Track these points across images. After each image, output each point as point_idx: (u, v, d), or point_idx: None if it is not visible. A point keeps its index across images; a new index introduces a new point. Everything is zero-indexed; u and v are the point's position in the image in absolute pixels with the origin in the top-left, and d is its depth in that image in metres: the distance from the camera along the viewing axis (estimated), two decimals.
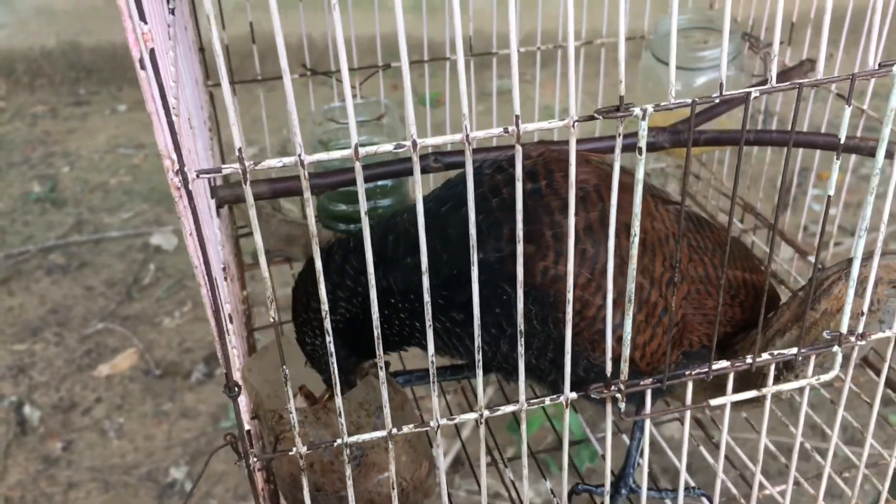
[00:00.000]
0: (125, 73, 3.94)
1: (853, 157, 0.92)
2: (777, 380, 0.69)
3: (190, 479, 2.07)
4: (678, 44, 1.09)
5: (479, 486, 0.65)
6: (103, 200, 3.14)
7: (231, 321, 0.66)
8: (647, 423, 0.61)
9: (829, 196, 0.51)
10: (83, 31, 3.92)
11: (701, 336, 0.78)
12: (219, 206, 0.84)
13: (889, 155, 0.58)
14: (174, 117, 0.50)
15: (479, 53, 1.22)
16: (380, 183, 0.99)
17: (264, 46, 1.12)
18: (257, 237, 0.48)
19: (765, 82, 1.01)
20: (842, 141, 0.50)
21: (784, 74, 0.97)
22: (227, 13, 1.12)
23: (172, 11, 0.73)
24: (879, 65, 0.50)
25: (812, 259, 1.10)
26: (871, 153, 0.70)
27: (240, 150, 0.48)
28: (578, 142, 0.78)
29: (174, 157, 0.48)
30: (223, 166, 0.48)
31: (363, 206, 0.50)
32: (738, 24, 1.10)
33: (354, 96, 1.10)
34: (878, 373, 0.85)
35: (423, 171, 0.85)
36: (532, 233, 0.71)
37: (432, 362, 0.53)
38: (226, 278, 0.72)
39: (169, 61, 0.61)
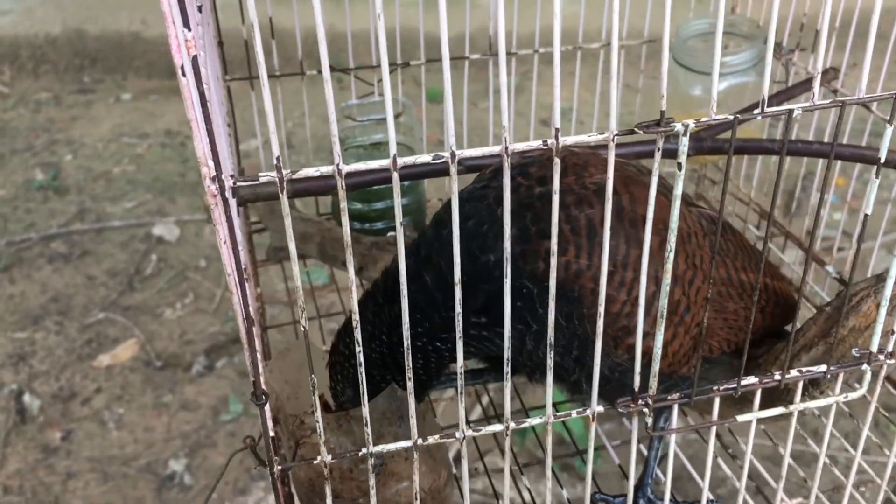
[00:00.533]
0: (130, 62, 3.93)
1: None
2: (802, 396, 0.69)
3: (189, 471, 2.07)
4: (698, 48, 1.09)
5: (494, 493, 0.65)
6: (106, 189, 3.13)
7: (253, 323, 0.66)
8: (673, 438, 0.61)
9: (865, 215, 0.50)
10: (89, 18, 3.91)
11: (721, 341, 0.77)
12: (240, 205, 0.84)
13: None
14: (214, 124, 0.49)
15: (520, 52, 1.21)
16: None
17: (267, 38, 1.12)
18: (291, 247, 0.47)
19: (786, 90, 1.01)
20: (882, 160, 0.50)
21: (806, 83, 0.97)
22: (234, 5, 1.11)
23: (200, 9, 0.72)
24: None
25: (830, 269, 1.09)
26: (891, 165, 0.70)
27: (278, 159, 0.47)
28: (600, 148, 0.78)
29: (211, 163, 0.47)
30: (261, 175, 0.48)
31: (399, 217, 0.50)
32: (760, 30, 1.10)
33: (372, 94, 1.09)
34: None
35: (444, 173, 0.85)
36: (548, 229, 0.70)
37: (461, 373, 0.53)
38: (247, 279, 0.72)
39: (201, 63, 0.61)
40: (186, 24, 0.43)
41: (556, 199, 0.49)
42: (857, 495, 0.81)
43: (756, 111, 0.48)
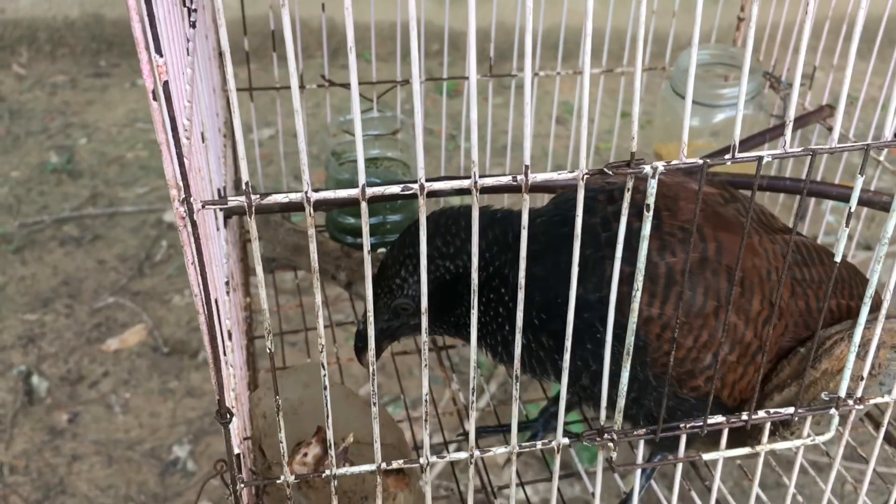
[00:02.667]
0: None
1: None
2: (773, 435, 0.69)
3: (192, 457, 2.09)
4: (698, 78, 1.08)
5: (492, 491, 0.66)
6: (119, 174, 3.15)
7: (230, 338, 0.66)
8: (639, 474, 0.61)
9: (834, 262, 0.50)
10: (106, 2, 3.93)
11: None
12: (227, 217, 0.85)
13: None
14: (184, 143, 0.50)
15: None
16: None
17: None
18: (259, 271, 0.48)
19: (775, 127, 1.01)
20: (852, 210, 0.50)
21: (803, 118, 0.96)
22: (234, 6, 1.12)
23: (193, 24, 0.73)
24: (895, 134, 0.49)
25: None
26: (885, 208, 0.70)
27: (247, 184, 0.48)
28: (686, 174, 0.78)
29: (181, 185, 0.48)
30: (230, 199, 0.48)
31: (367, 244, 0.51)
32: (760, 64, 1.09)
33: (371, 109, 1.10)
34: (877, 427, 0.85)
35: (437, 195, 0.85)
36: (630, 274, 0.71)
37: (426, 401, 0.54)
38: (228, 292, 0.72)
39: (185, 81, 0.61)
40: (159, 50, 0.43)
41: (524, 234, 0.49)
42: None
43: (727, 156, 0.48)
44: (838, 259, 0.55)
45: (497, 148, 2.69)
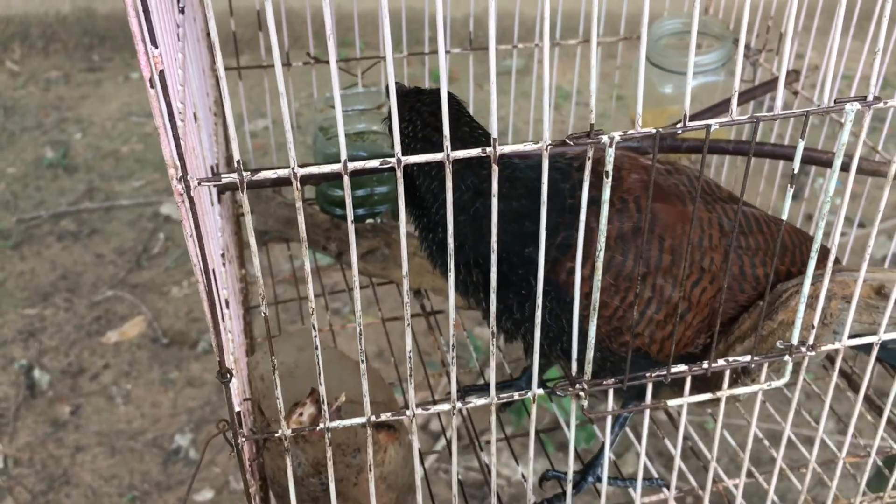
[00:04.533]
0: None
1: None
2: (735, 383, 0.74)
3: (194, 446, 2.13)
4: (671, 47, 1.13)
5: (480, 464, 0.71)
6: (115, 168, 3.19)
7: (227, 306, 0.71)
8: (609, 421, 0.66)
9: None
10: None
11: (728, 321, 0.83)
12: (220, 193, 0.89)
13: (845, 167, 0.62)
14: (179, 126, 0.54)
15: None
16: None
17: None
18: (252, 244, 0.52)
19: (749, 90, 1.05)
20: (795, 171, 0.54)
21: (768, 84, 1.01)
22: None
23: (182, 10, 0.77)
24: (835, 101, 0.54)
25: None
26: (828, 164, 0.74)
27: (238, 161, 0.52)
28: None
29: (178, 164, 0.52)
30: (223, 175, 0.53)
31: (350, 215, 0.55)
32: (730, 31, 1.14)
33: (356, 85, 1.14)
34: (843, 374, 0.91)
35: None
36: (570, 238, 0.76)
37: (409, 362, 0.58)
38: (224, 264, 0.77)
39: (177, 65, 0.66)
40: (154, 41, 0.48)
41: (494, 202, 0.53)
42: (789, 473, 0.87)
43: (679, 125, 0.53)
44: (784, 217, 0.60)
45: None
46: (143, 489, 2.06)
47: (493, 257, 0.57)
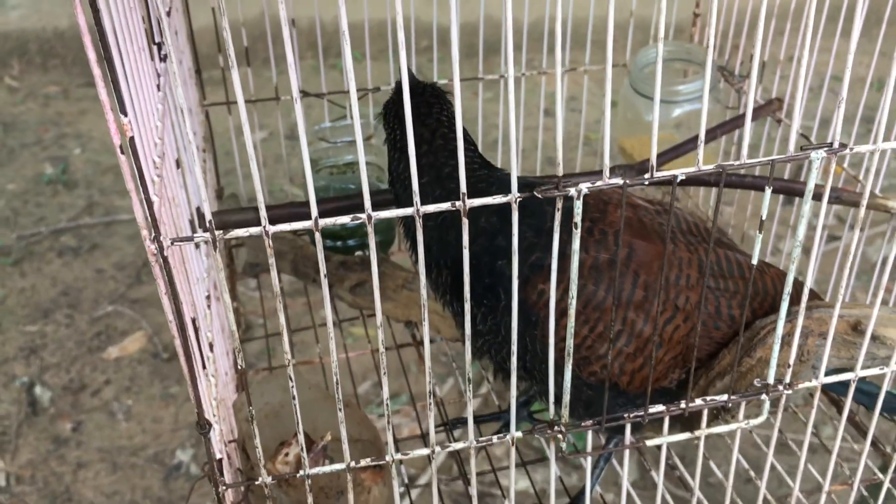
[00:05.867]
0: None
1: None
2: (715, 419, 0.74)
3: (195, 461, 2.14)
4: (653, 76, 1.13)
5: (469, 496, 0.71)
6: (114, 183, 3.20)
7: (212, 349, 0.72)
8: (589, 461, 0.67)
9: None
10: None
11: (706, 357, 0.85)
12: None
13: (818, 196, 0.62)
14: (155, 181, 0.55)
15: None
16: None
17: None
18: (225, 298, 0.53)
19: (738, 116, 1.06)
20: (763, 218, 0.55)
21: (755, 111, 1.01)
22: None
23: (164, 58, 0.78)
24: (801, 148, 0.54)
25: None
26: (801, 195, 0.75)
27: (210, 221, 0.53)
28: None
29: (150, 226, 0.53)
30: (195, 235, 0.53)
31: (322, 267, 0.56)
32: (715, 59, 1.15)
33: (344, 117, 1.15)
34: (833, 402, 0.91)
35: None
36: (543, 259, 0.77)
37: (387, 403, 0.59)
38: (209, 305, 0.78)
39: (157, 118, 0.67)
40: (123, 110, 0.48)
41: (466, 254, 0.54)
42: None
43: (646, 176, 0.53)
44: (754, 262, 0.61)
45: (488, 142, 2.74)
46: None
47: (467, 306, 0.58)
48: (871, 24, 1.07)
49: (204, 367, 0.61)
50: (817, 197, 0.67)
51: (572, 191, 0.53)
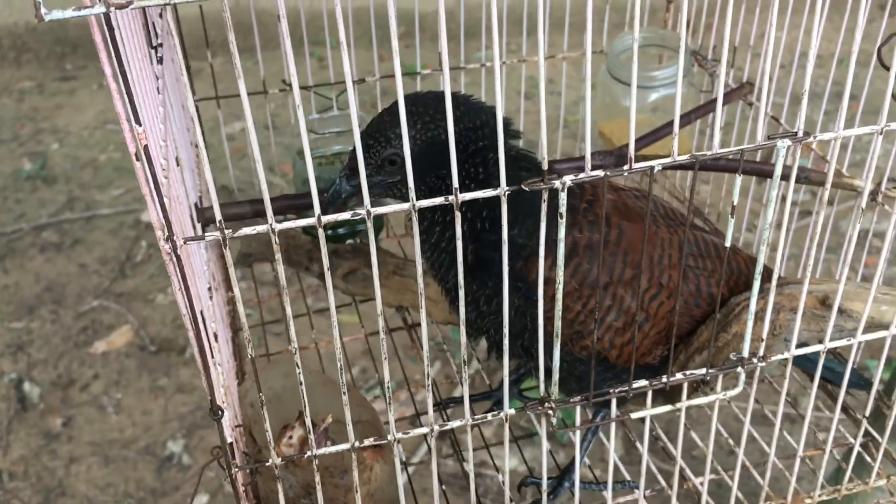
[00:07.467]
0: None
1: None
2: (695, 392, 0.79)
3: (187, 451, 2.17)
4: (632, 62, 1.17)
5: (464, 471, 0.76)
6: (94, 177, 3.20)
7: (216, 339, 0.75)
8: (578, 434, 0.72)
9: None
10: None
11: (685, 334, 0.89)
12: (204, 226, 0.93)
13: (786, 177, 0.67)
14: (163, 183, 0.58)
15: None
16: None
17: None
18: (236, 291, 0.57)
19: (711, 100, 1.10)
20: (734, 204, 0.59)
21: (726, 96, 1.06)
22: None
23: (160, 60, 0.81)
24: (768, 137, 0.59)
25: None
26: (771, 176, 0.79)
27: (220, 221, 0.57)
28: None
29: (164, 226, 0.57)
30: (206, 234, 0.57)
31: (326, 264, 0.59)
32: (688, 44, 1.19)
33: (331, 108, 1.18)
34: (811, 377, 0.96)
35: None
36: (547, 240, 0.80)
37: (386, 387, 0.63)
38: (211, 297, 0.81)
39: (159, 120, 0.70)
40: (137, 120, 0.52)
41: (459, 245, 0.58)
42: (752, 470, 0.93)
43: (625, 167, 0.58)
44: (728, 244, 0.65)
45: None
46: (138, 497, 2.10)
47: (461, 304, 0.62)
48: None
49: (212, 356, 0.65)
50: (785, 177, 0.72)
51: (557, 183, 0.57)
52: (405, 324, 1.15)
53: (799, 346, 0.74)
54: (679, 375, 0.70)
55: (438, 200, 0.59)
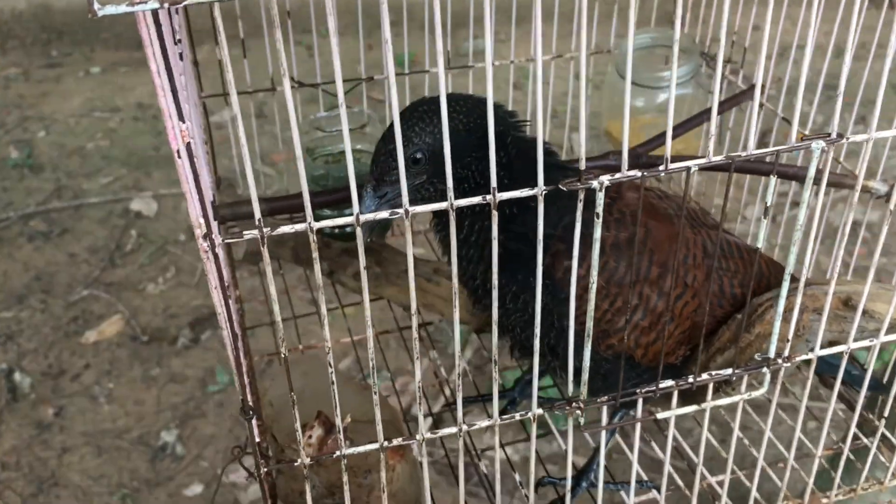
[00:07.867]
0: (98, 34, 3.92)
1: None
2: (717, 392, 0.80)
3: (180, 441, 2.16)
4: (640, 61, 1.17)
5: (479, 476, 0.76)
6: (81, 165, 3.17)
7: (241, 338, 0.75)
8: (603, 434, 0.72)
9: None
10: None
11: (708, 334, 0.89)
12: (220, 224, 0.93)
13: (823, 181, 0.67)
14: (204, 184, 0.58)
15: None
16: None
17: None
18: (272, 290, 0.56)
19: (721, 102, 1.10)
20: (768, 205, 0.60)
21: (733, 99, 1.06)
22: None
23: (181, 56, 0.80)
24: (802, 137, 0.59)
25: None
26: (800, 180, 0.79)
27: (259, 220, 0.56)
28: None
29: (203, 225, 0.56)
30: (246, 232, 0.57)
31: (363, 262, 0.59)
32: (696, 45, 1.19)
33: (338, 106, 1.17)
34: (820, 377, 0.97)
35: None
36: (567, 237, 0.79)
37: (419, 387, 0.63)
38: (229, 295, 0.81)
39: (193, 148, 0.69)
40: (181, 117, 0.51)
41: (495, 245, 0.58)
42: (768, 470, 0.94)
43: (661, 167, 0.58)
44: (760, 245, 0.65)
45: None
46: (132, 487, 2.09)
47: (495, 303, 0.62)
48: None
49: (245, 355, 0.64)
50: (817, 182, 0.72)
51: (595, 183, 0.57)
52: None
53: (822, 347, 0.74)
54: (705, 376, 0.71)
55: (476, 200, 0.59)
